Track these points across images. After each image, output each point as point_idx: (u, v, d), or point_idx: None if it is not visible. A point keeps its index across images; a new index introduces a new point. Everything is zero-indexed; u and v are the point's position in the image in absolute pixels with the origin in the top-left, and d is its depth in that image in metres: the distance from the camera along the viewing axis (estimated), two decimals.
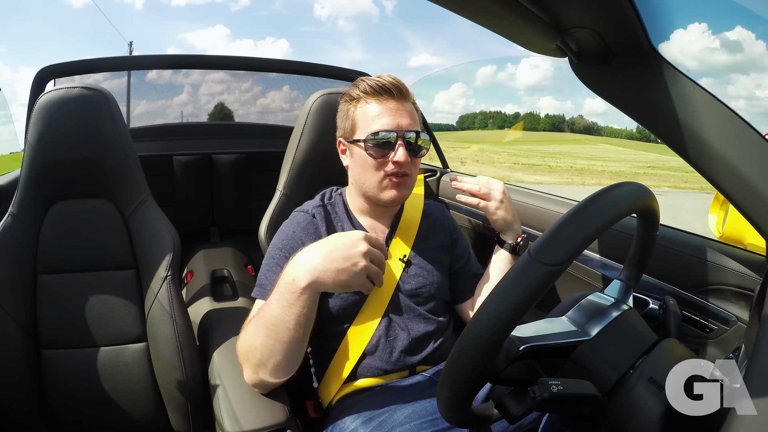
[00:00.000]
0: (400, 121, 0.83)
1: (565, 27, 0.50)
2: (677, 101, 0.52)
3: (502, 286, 0.44)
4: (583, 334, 0.52)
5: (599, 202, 0.47)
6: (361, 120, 0.85)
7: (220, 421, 0.72)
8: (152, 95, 2.53)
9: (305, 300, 0.67)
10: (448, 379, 0.47)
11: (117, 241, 0.99)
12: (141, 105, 2.53)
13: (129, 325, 0.98)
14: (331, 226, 0.89)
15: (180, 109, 2.62)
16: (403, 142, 0.82)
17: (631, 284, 0.62)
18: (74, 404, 0.95)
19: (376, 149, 0.82)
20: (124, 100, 2.46)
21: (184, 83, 2.66)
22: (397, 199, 0.86)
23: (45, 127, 0.92)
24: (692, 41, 29.03)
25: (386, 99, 0.84)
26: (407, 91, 0.86)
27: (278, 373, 0.71)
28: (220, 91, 2.61)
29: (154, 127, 2.11)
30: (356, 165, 0.87)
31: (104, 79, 2.45)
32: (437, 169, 1.72)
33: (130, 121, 2.31)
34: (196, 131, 2.04)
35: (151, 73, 2.55)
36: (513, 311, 0.42)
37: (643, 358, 0.49)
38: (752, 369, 0.40)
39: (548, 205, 1.18)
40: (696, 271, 0.80)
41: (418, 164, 0.88)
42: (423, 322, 0.88)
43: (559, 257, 0.43)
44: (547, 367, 0.52)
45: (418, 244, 0.92)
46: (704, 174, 0.53)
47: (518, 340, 0.49)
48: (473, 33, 58.23)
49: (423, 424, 0.73)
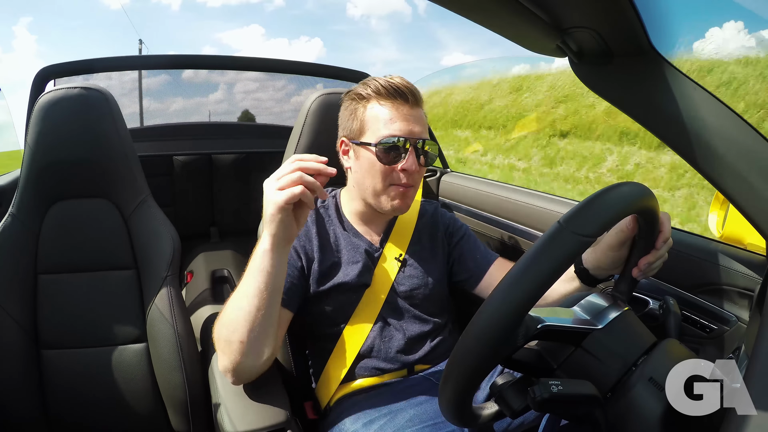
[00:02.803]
0: (413, 127, 0.80)
1: (565, 27, 0.50)
2: (677, 101, 0.52)
3: (531, 251, 0.44)
4: (593, 324, 0.52)
5: (622, 188, 0.49)
6: (371, 122, 0.81)
7: (220, 421, 0.72)
8: (189, 93, 2.58)
9: (269, 258, 0.65)
10: (462, 349, 0.46)
11: (117, 241, 0.99)
12: (177, 102, 2.60)
13: (129, 326, 0.98)
14: (323, 229, 0.88)
15: (215, 106, 2.65)
16: (413, 150, 0.80)
17: (623, 298, 0.61)
18: (74, 404, 0.95)
19: (385, 154, 0.79)
20: (160, 98, 2.51)
21: (219, 81, 2.69)
22: (399, 210, 0.84)
23: (45, 127, 0.92)
24: (728, 40, 27.91)
25: (400, 103, 0.80)
26: (420, 97, 0.83)
27: (245, 352, 0.67)
28: (254, 89, 2.62)
29: (154, 127, 2.11)
30: (361, 168, 0.83)
31: (142, 77, 2.50)
32: (437, 169, 1.72)
33: (144, 119, 2.32)
34: (196, 131, 2.04)
35: (187, 71, 2.59)
36: (543, 277, 0.42)
37: (643, 358, 0.49)
38: (752, 369, 0.40)
39: (548, 205, 1.18)
40: (696, 271, 0.80)
41: (423, 173, 0.86)
42: (418, 323, 0.87)
43: (590, 228, 0.43)
44: (554, 354, 0.52)
45: (413, 246, 0.91)
46: (704, 174, 0.54)
47: (536, 318, 0.49)
48: None
49: (425, 428, 0.73)
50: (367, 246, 0.88)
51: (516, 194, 1.28)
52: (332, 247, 0.87)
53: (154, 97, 2.54)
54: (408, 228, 0.93)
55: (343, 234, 0.88)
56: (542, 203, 1.20)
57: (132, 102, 2.47)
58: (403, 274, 0.89)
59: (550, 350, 0.53)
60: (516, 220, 1.25)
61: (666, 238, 0.61)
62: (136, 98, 2.44)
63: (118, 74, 2.18)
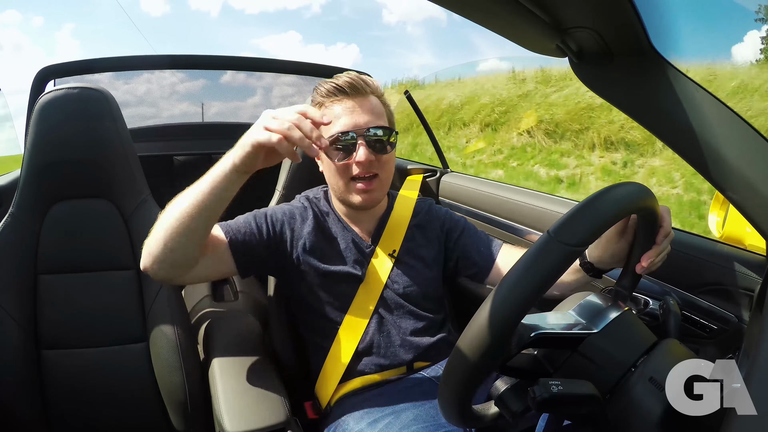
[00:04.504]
0: (357, 119, 0.79)
1: (565, 27, 0.50)
2: (678, 101, 0.52)
3: (521, 263, 0.44)
4: (589, 327, 0.52)
5: (614, 192, 0.48)
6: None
7: (220, 421, 0.72)
8: (227, 96, 2.60)
9: (219, 179, 0.67)
10: (457, 358, 0.46)
11: (117, 241, 0.99)
12: (215, 106, 2.63)
13: (129, 326, 0.98)
14: (320, 219, 0.89)
15: (253, 110, 2.69)
16: (364, 141, 0.79)
17: (626, 293, 0.61)
18: (74, 404, 0.95)
19: (337, 152, 0.80)
20: (199, 101, 2.56)
21: (257, 86, 2.71)
22: (367, 203, 0.84)
23: (45, 127, 0.92)
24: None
25: (342, 99, 0.81)
26: (364, 86, 0.82)
27: (161, 246, 0.70)
28: (291, 93, 2.62)
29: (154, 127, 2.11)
30: (326, 170, 0.85)
31: (180, 81, 2.59)
32: (437, 169, 1.72)
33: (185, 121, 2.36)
34: (196, 131, 2.04)
35: (225, 75, 2.64)
36: (533, 289, 0.42)
37: (643, 358, 0.49)
38: (752, 369, 0.40)
39: (548, 205, 1.18)
40: (696, 271, 0.80)
41: (389, 161, 0.84)
42: (414, 320, 0.87)
43: (579, 238, 0.43)
44: (551, 359, 0.52)
45: (407, 243, 0.91)
46: (705, 174, 0.53)
47: (529, 326, 0.49)
48: None
49: (430, 428, 0.73)
50: (358, 240, 0.89)
51: (516, 194, 1.28)
52: (326, 234, 0.87)
53: (192, 100, 2.58)
54: (401, 225, 0.92)
55: (337, 226, 0.89)
56: (542, 203, 1.20)
57: (171, 105, 2.54)
58: (398, 270, 0.89)
59: (546, 355, 0.53)
60: (516, 220, 1.25)
61: (667, 233, 0.61)
62: (175, 101, 2.52)
63: (157, 77, 2.21)
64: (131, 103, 2.20)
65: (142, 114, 2.49)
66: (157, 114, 2.57)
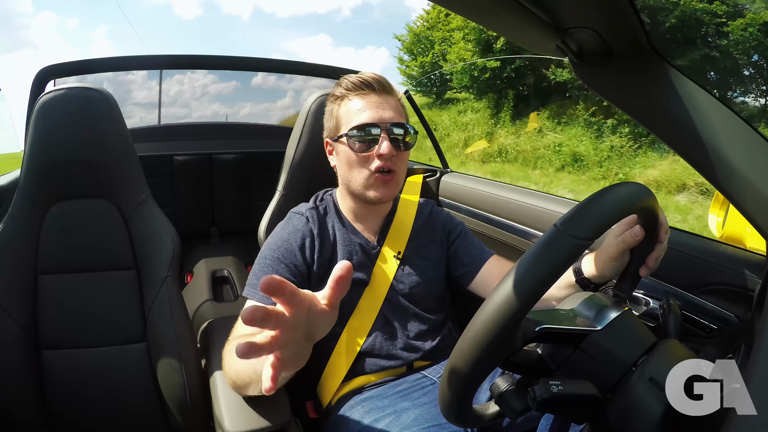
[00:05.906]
0: (382, 113, 0.81)
1: (565, 27, 0.50)
2: (678, 101, 0.52)
3: (529, 254, 0.44)
4: (593, 325, 0.52)
5: (619, 189, 0.49)
6: (344, 117, 0.83)
7: (220, 421, 0.72)
8: (258, 98, 2.68)
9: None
10: (460, 352, 0.45)
11: (117, 241, 0.99)
12: (246, 107, 2.70)
13: (129, 326, 0.98)
14: (324, 226, 0.88)
15: (283, 112, 2.72)
16: (387, 135, 0.80)
17: (624, 296, 0.61)
18: (74, 404, 0.95)
19: (359, 143, 0.81)
20: (230, 103, 2.64)
21: (287, 88, 2.77)
22: (384, 198, 0.84)
23: (45, 128, 0.92)
24: None
25: (368, 93, 0.83)
26: (390, 86, 0.85)
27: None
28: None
29: (154, 128, 2.11)
30: (342, 163, 0.85)
31: (212, 82, 2.66)
32: (437, 169, 1.72)
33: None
34: (196, 131, 2.04)
35: (256, 78, 2.70)
36: (542, 280, 0.42)
37: (643, 358, 0.49)
38: (752, 369, 0.40)
39: (548, 205, 1.18)
40: (696, 271, 0.80)
41: (405, 159, 0.86)
42: (418, 321, 0.88)
43: (587, 231, 0.43)
44: (553, 355, 0.52)
45: (411, 244, 0.92)
46: (705, 174, 0.53)
47: (534, 321, 0.49)
48: None
49: (431, 428, 0.73)
50: (364, 243, 0.88)
51: (516, 194, 1.28)
52: (330, 245, 0.87)
53: (224, 101, 2.61)
54: (406, 226, 0.93)
55: (341, 230, 0.89)
56: (542, 203, 1.20)
57: (202, 107, 2.60)
58: (403, 272, 0.89)
59: (549, 352, 0.53)
60: (516, 220, 1.25)
61: (666, 228, 0.61)
62: (206, 102, 2.61)
63: (189, 79, 2.23)
64: (165, 103, 2.25)
65: (174, 114, 2.50)
66: (188, 114, 2.63)
